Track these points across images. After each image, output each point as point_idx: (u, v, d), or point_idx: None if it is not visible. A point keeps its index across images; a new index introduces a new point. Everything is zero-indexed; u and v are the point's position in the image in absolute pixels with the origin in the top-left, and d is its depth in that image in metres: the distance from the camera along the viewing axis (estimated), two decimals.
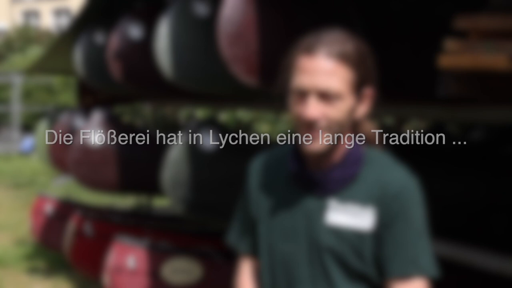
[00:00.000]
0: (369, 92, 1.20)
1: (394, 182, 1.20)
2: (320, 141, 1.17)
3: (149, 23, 3.11)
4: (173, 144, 2.88)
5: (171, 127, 11.12)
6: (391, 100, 2.47)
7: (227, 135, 2.93)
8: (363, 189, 1.21)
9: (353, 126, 1.24)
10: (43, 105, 13.42)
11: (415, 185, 1.22)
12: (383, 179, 1.20)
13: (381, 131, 1.31)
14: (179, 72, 2.59)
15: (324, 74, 1.14)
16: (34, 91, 13.91)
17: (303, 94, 1.16)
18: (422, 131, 5.33)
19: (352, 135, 1.24)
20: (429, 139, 4.29)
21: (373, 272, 1.21)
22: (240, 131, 4.32)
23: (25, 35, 18.74)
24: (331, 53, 1.14)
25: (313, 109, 1.14)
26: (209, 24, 2.40)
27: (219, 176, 2.87)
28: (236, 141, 2.99)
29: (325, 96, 1.14)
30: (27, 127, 13.94)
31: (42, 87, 13.78)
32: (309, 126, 1.16)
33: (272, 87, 1.25)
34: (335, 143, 1.19)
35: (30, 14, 23.23)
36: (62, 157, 4.21)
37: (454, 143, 4.11)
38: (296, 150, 1.25)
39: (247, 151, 2.99)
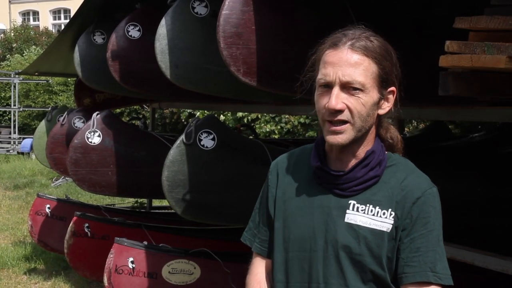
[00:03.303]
0: (393, 89, 1.21)
1: (416, 188, 1.20)
2: (345, 134, 1.17)
3: (149, 23, 3.11)
4: (173, 144, 2.87)
5: (171, 127, 11.11)
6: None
7: (226, 135, 2.93)
8: (385, 192, 1.21)
9: (377, 128, 1.25)
10: (42, 105, 13.40)
11: (435, 192, 1.22)
12: (405, 183, 1.21)
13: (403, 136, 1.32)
14: (179, 72, 2.59)
15: (349, 65, 1.16)
16: (33, 91, 13.89)
17: (328, 86, 1.17)
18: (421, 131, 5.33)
19: (377, 137, 1.25)
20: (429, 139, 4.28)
21: (387, 275, 1.20)
22: (239, 130, 4.31)
23: (24, 35, 18.72)
24: (356, 46, 1.17)
25: (337, 99, 1.15)
26: (209, 24, 2.39)
27: (218, 176, 2.87)
28: (236, 142, 2.98)
29: (350, 88, 1.16)
30: (26, 127, 13.92)
31: (41, 88, 13.76)
32: (334, 117, 1.16)
33: (278, 91, 1.26)
34: (360, 136, 1.19)
35: (29, 14, 23.22)
36: (61, 158, 4.20)
37: (453, 143, 4.11)
38: (319, 148, 1.25)
39: (246, 152, 2.98)
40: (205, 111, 7.49)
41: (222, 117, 8.25)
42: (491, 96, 1.67)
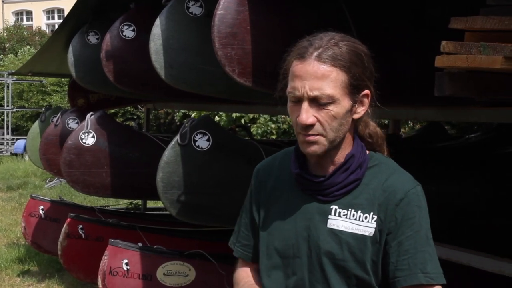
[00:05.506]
0: (367, 93, 1.19)
1: (399, 189, 1.19)
2: (318, 144, 1.16)
3: (143, 23, 3.09)
4: (167, 145, 2.86)
5: (165, 128, 11.08)
6: (387, 102, 2.46)
7: (221, 136, 2.91)
8: (366, 195, 1.19)
9: (356, 128, 1.23)
10: (35, 106, 13.32)
11: (419, 190, 1.20)
12: (387, 184, 1.19)
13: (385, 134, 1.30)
14: (173, 73, 2.57)
15: (316, 79, 1.13)
16: (26, 92, 13.81)
17: (298, 100, 1.16)
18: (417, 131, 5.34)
19: (356, 138, 1.23)
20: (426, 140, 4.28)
21: (372, 279, 1.19)
22: (234, 131, 4.30)
23: (17, 35, 18.62)
24: (323, 57, 1.14)
25: (307, 114, 1.14)
26: (203, 24, 2.38)
27: (212, 178, 2.85)
28: (231, 143, 2.97)
29: (319, 101, 1.14)
30: (20, 128, 13.83)
31: (35, 88, 13.69)
32: (306, 131, 1.15)
33: (273, 92, 1.25)
34: (335, 144, 1.18)
35: (22, 14, 23.11)
36: (54, 159, 4.17)
37: (449, 144, 4.12)
38: (298, 154, 1.24)
39: (241, 153, 2.97)
40: (200, 112, 7.47)
41: (216, 118, 8.23)
42: (487, 97, 1.67)
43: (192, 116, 7.82)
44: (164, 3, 2.61)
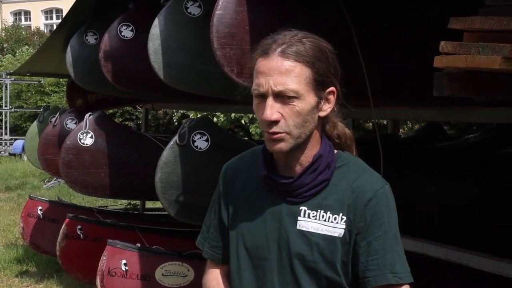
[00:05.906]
0: (332, 90, 1.19)
1: (367, 189, 1.18)
2: (284, 142, 1.16)
3: (142, 23, 3.08)
4: (166, 145, 2.85)
5: (164, 128, 11.08)
6: (386, 102, 2.46)
7: (220, 136, 2.91)
8: (335, 195, 1.19)
9: (323, 128, 1.23)
10: (34, 106, 13.31)
11: (388, 190, 1.20)
12: (355, 185, 1.19)
13: (354, 133, 1.29)
14: (172, 73, 2.57)
15: (280, 74, 1.13)
16: (24, 92, 13.80)
17: (262, 96, 1.15)
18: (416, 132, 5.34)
19: (324, 137, 1.22)
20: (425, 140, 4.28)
21: (343, 279, 1.19)
22: (233, 131, 4.30)
23: (15, 35, 18.60)
24: (286, 53, 1.14)
25: (271, 110, 1.13)
26: (202, 25, 2.38)
27: (211, 178, 2.84)
28: (229, 143, 2.96)
29: (284, 97, 1.14)
30: (18, 128, 13.82)
31: (33, 88, 13.67)
32: (270, 127, 1.15)
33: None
34: (301, 141, 1.17)
35: (21, 14, 23.09)
36: (53, 159, 4.16)
37: (449, 144, 4.12)
38: (266, 155, 1.23)
39: (240, 153, 2.96)
40: (198, 112, 7.47)
41: (214, 119, 8.24)
42: (486, 97, 1.67)
43: (191, 116, 7.82)
44: (163, 3, 2.60)
